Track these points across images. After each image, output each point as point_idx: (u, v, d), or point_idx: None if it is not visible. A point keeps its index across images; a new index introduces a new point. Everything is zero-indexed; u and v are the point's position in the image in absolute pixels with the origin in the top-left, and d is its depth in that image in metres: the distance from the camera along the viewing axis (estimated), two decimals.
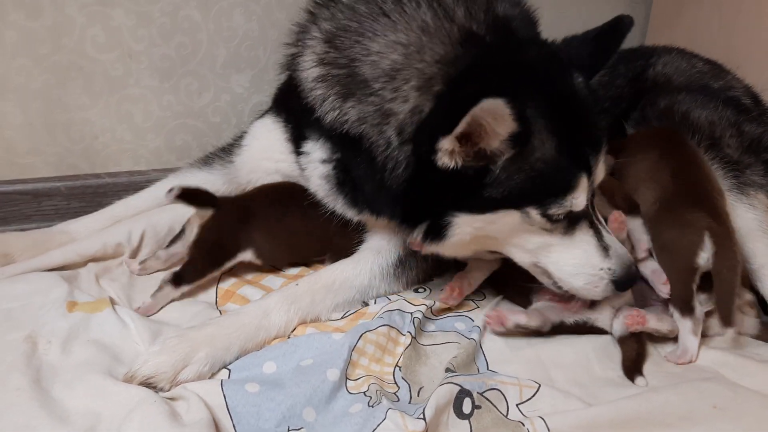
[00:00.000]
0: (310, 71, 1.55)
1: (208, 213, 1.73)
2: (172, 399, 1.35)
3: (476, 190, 1.38)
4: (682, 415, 1.36)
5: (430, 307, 1.68)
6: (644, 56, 2.24)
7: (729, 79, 2.19)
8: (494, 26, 1.45)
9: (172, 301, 1.68)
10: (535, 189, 1.39)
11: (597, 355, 1.58)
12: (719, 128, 1.92)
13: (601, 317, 1.61)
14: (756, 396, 1.43)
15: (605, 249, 1.50)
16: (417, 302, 1.67)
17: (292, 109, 1.71)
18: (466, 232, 1.45)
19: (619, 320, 1.59)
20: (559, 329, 1.63)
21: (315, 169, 1.66)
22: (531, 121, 1.33)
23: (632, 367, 1.52)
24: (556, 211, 1.42)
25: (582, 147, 1.43)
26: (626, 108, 2.09)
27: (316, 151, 1.64)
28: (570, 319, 1.62)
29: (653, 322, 1.58)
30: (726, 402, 1.40)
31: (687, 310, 1.55)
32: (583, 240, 1.50)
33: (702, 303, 1.60)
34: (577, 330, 1.63)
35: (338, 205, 1.68)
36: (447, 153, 1.33)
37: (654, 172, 1.75)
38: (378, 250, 1.75)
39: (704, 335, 1.61)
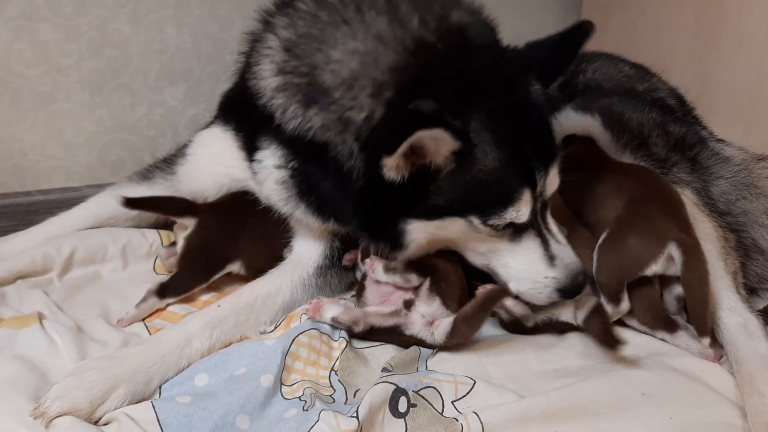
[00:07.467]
0: (269, 80, 1.54)
1: (191, 223, 1.71)
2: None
3: (423, 197, 1.41)
4: (612, 403, 1.39)
5: None
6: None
7: (654, 81, 2.27)
8: (447, 34, 1.46)
9: (158, 311, 1.66)
10: (476, 199, 1.41)
11: (534, 350, 1.60)
12: (647, 128, 1.98)
13: (564, 311, 1.62)
14: (683, 381, 1.47)
15: (551, 258, 1.51)
16: None
17: (244, 118, 1.69)
18: (421, 237, 1.48)
19: (581, 311, 1.60)
20: (533, 328, 1.64)
21: (270, 174, 1.64)
22: (474, 134, 1.36)
23: (609, 340, 1.53)
24: (496, 221, 1.43)
25: (529, 160, 1.43)
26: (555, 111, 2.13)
27: (269, 158, 1.62)
28: (539, 317, 1.63)
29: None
30: (654, 389, 1.43)
31: (615, 300, 1.59)
32: (529, 248, 1.51)
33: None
34: (548, 329, 1.65)
35: (298, 211, 1.65)
36: (392, 168, 1.35)
37: (621, 184, 1.74)
38: (298, 261, 1.74)
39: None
